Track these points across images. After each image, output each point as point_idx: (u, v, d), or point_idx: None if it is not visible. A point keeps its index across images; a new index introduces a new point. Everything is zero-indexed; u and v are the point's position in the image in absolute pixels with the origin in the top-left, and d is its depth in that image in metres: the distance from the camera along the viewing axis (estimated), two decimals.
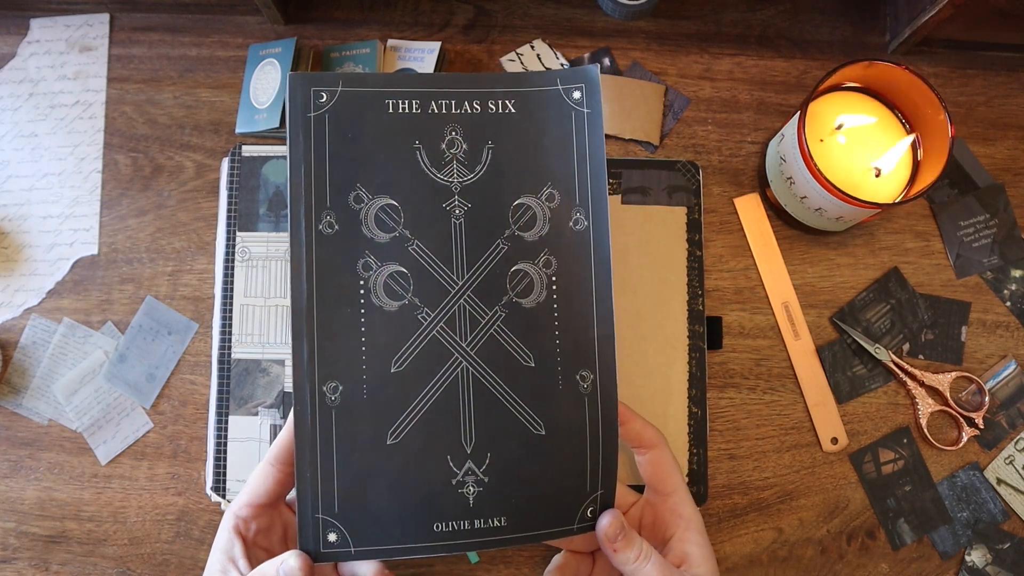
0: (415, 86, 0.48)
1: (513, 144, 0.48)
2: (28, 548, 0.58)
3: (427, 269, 0.46)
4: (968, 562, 0.57)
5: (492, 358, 0.46)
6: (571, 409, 0.46)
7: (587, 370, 0.47)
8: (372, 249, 0.46)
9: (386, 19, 0.66)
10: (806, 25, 0.65)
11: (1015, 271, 0.61)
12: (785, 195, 0.59)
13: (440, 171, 0.47)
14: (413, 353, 0.46)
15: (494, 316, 0.46)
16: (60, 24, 0.66)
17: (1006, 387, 0.60)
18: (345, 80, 0.47)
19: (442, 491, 0.45)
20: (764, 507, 0.58)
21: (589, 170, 0.48)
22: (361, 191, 0.46)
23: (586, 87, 0.48)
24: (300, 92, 0.47)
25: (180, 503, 0.58)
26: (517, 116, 0.48)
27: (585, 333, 0.47)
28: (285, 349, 0.58)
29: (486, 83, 0.48)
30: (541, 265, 0.47)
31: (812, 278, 0.61)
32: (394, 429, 0.45)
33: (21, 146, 0.64)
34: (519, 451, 0.46)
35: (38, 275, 0.62)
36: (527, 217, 0.47)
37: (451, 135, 0.47)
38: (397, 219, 0.47)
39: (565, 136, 0.48)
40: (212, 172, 0.63)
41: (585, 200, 0.47)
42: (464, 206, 0.47)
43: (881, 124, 0.58)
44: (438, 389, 0.46)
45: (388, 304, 0.46)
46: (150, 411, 0.60)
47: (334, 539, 0.44)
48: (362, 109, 0.47)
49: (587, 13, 0.65)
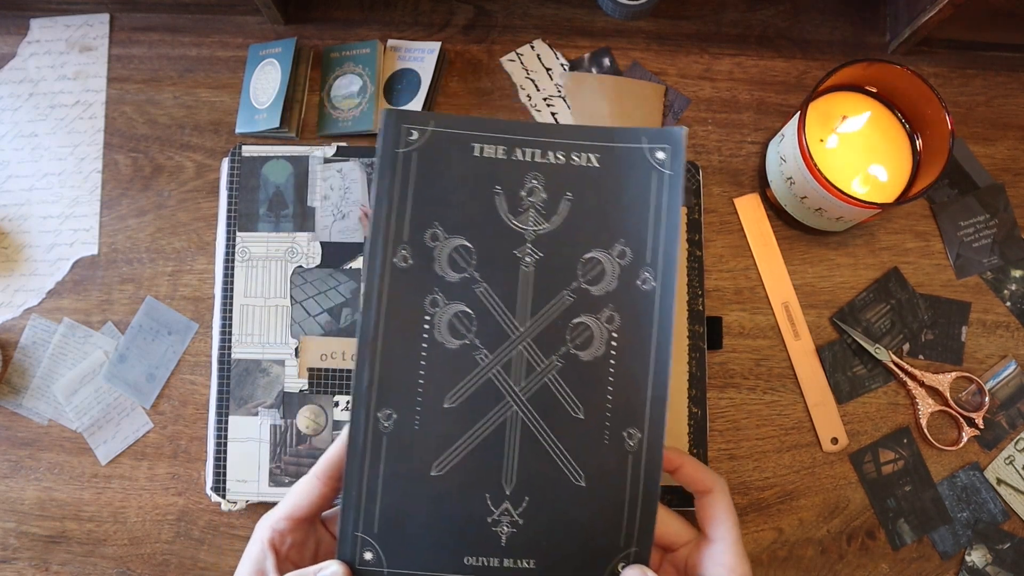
0: (503, 132, 0.49)
1: (592, 198, 0.48)
2: (28, 548, 0.58)
3: (491, 312, 0.48)
4: (968, 562, 0.57)
5: (542, 405, 0.47)
6: (614, 464, 0.47)
7: (635, 428, 0.47)
8: (441, 287, 0.48)
9: (386, 19, 0.66)
10: (806, 25, 0.65)
11: (1015, 271, 0.61)
12: (785, 195, 0.59)
13: (516, 218, 0.48)
14: (467, 392, 0.47)
15: (550, 365, 0.47)
16: (60, 24, 0.66)
17: (1006, 387, 0.60)
18: (436, 120, 0.49)
19: (477, 527, 0.46)
20: (764, 507, 0.58)
21: (664, 231, 0.48)
22: (438, 229, 0.48)
23: (671, 148, 0.49)
24: (392, 128, 0.48)
25: (180, 503, 0.58)
26: (599, 171, 0.49)
27: (638, 392, 0.47)
28: (285, 349, 0.58)
29: (572, 134, 0.49)
30: (604, 320, 0.48)
31: (812, 278, 0.61)
32: (440, 462, 0.46)
33: (21, 146, 0.64)
34: (557, 498, 0.47)
35: (38, 275, 0.62)
36: (596, 271, 0.48)
37: (532, 183, 0.48)
38: (469, 260, 0.48)
39: (644, 194, 0.48)
40: (212, 172, 0.63)
41: (656, 260, 0.48)
42: (535, 254, 0.48)
43: (880, 123, 0.58)
44: (486, 429, 0.47)
45: (449, 342, 0.47)
46: (150, 411, 0.60)
47: (370, 557, 0.46)
48: (449, 150, 0.48)
49: (587, 13, 0.65)
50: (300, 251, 0.59)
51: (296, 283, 0.59)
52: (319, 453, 0.57)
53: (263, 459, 0.57)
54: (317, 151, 0.60)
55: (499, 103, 0.64)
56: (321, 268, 0.59)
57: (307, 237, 0.59)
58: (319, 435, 0.57)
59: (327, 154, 0.60)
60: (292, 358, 0.58)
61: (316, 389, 0.58)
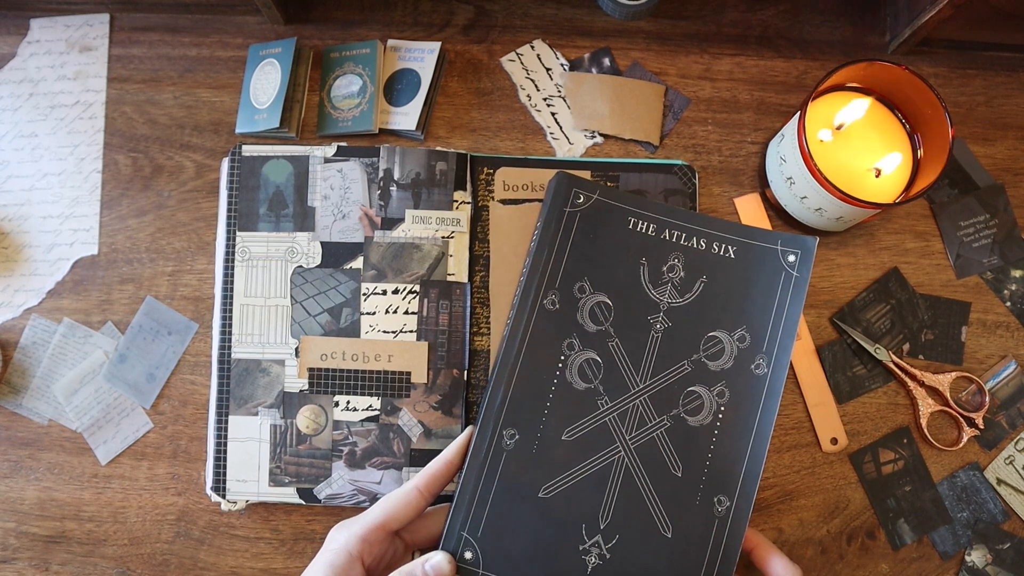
0: (657, 213, 0.56)
1: (724, 284, 0.55)
2: (28, 548, 0.58)
3: (617, 365, 0.54)
4: (968, 562, 0.57)
5: (646, 457, 0.52)
6: (700, 524, 0.51)
7: (726, 496, 0.51)
8: (579, 334, 0.54)
9: (386, 19, 0.66)
10: (806, 25, 0.65)
11: (1015, 271, 0.61)
12: (785, 195, 0.59)
13: (655, 288, 0.54)
14: (584, 430, 0.52)
15: (660, 423, 0.53)
16: (60, 24, 0.66)
17: (1006, 387, 0.60)
18: (602, 191, 0.56)
19: (569, 551, 0.51)
20: (764, 507, 0.58)
21: (783, 325, 0.54)
22: (586, 283, 0.55)
23: (801, 254, 0.55)
24: (563, 189, 0.56)
25: (180, 503, 0.58)
26: (734, 262, 0.55)
27: (735, 464, 0.52)
28: (285, 349, 0.58)
29: (716, 227, 0.56)
30: (715, 393, 0.53)
31: (812, 278, 0.61)
32: (549, 486, 0.51)
33: (21, 146, 0.64)
34: (644, 542, 0.51)
35: (38, 275, 0.62)
36: (716, 349, 0.54)
37: (673, 261, 0.55)
38: (607, 316, 0.54)
39: (771, 290, 0.54)
40: (212, 172, 0.63)
41: (771, 350, 0.53)
42: (666, 323, 0.54)
43: (880, 124, 0.58)
44: (594, 466, 0.52)
45: (577, 383, 0.53)
46: (150, 411, 0.60)
47: (469, 557, 0.50)
48: (608, 218, 0.56)
49: (587, 13, 0.65)
50: (300, 251, 0.59)
51: (296, 283, 0.59)
52: (319, 453, 0.57)
53: (263, 459, 0.57)
54: (317, 151, 0.60)
55: (499, 103, 0.64)
56: (321, 268, 0.59)
57: (307, 237, 0.59)
58: (319, 435, 0.57)
59: (327, 154, 0.60)
60: (292, 358, 0.58)
61: (316, 389, 0.58)
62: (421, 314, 0.58)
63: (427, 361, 0.58)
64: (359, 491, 0.56)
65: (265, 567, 0.57)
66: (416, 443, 0.57)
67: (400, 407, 0.57)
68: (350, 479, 0.56)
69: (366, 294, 0.59)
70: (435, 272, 0.59)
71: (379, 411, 0.57)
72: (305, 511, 0.58)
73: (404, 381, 0.58)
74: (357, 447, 0.57)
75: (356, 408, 0.57)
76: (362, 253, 0.59)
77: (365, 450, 0.57)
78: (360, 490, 0.56)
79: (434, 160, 0.60)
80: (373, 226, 0.59)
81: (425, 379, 0.58)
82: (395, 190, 0.60)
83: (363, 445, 0.57)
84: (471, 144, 0.63)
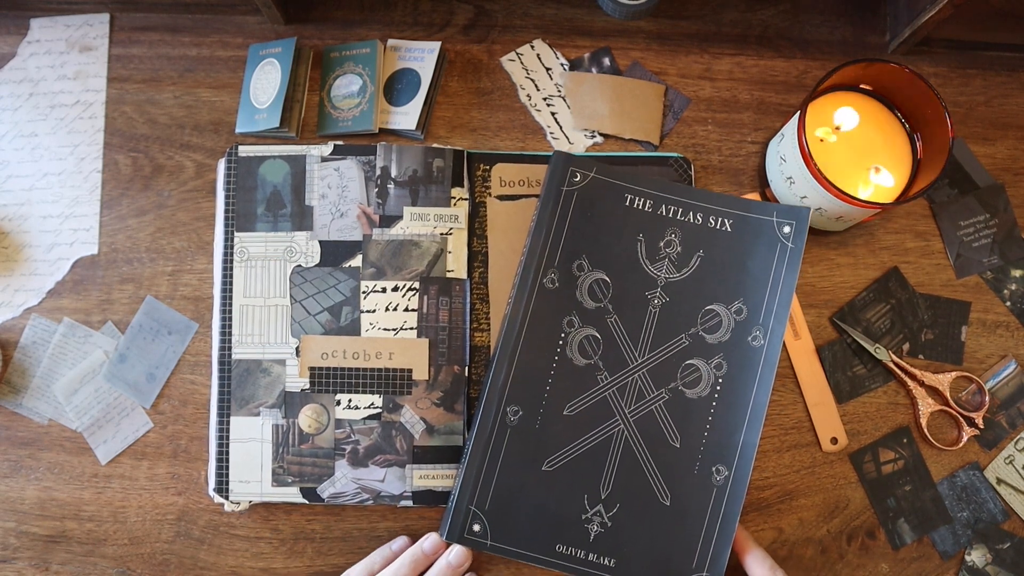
0: (653, 189, 0.56)
1: (721, 257, 0.55)
2: (28, 548, 0.58)
3: (616, 341, 0.54)
4: (968, 562, 0.57)
5: (645, 429, 0.54)
6: (698, 494, 0.53)
7: (724, 466, 0.53)
8: (579, 311, 0.55)
9: (386, 19, 0.66)
10: (806, 25, 0.65)
11: (1015, 271, 0.61)
12: (785, 194, 0.59)
13: (652, 264, 0.55)
14: (585, 405, 0.54)
15: (658, 396, 0.54)
16: (60, 24, 0.66)
17: (1006, 387, 0.60)
18: (599, 168, 0.56)
19: (572, 520, 0.53)
20: (764, 507, 0.58)
21: (779, 297, 0.54)
22: (584, 261, 0.55)
23: (796, 224, 0.55)
24: (560, 168, 0.56)
25: (180, 503, 0.58)
26: (731, 235, 0.56)
27: (732, 435, 0.53)
28: (286, 348, 0.58)
29: (712, 200, 0.56)
30: (713, 366, 0.54)
31: (812, 278, 0.61)
32: (551, 459, 0.53)
33: (21, 146, 0.64)
34: (643, 511, 0.53)
35: (38, 275, 0.62)
36: (714, 322, 0.55)
37: (670, 236, 0.56)
38: (605, 293, 0.55)
39: (766, 262, 0.55)
40: (212, 172, 0.63)
41: (767, 322, 0.54)
42: (663, 298, 0.55)
43: (880, 123, 0.58)
44: (595, 439, 0.53)
45: (577, 359, 0.54)
46: (150, 411, 0.60)
47: (477, 529, 0.52)
48: (605, 195, 0.56)
49: (587, 13, 0.65)
50: (299, 250, 0.59)
51: (295, 282, 0.59)
52: (322, 452, 0.57)
53: (266, 459, 0.57)
54: (314, 150, 0.60)
55: (499, 103, 0.64)
56: (320, 267, 0.59)
57: (305, 236, 0.59)
58: (321, 434, 0.57)
59: (324, 153, 0.60)
60: (293, 357, 0.58)
61: (317, 388, 0.58)
62: (421, 311, 0.58)
63: (428, 358, 0.58)
64: (362, 489, 0.56)
65: (265, 567, 0.57)
66: (419, 440, 0.57)
67: (402, 404, 0.57)
68: (353, 477, 0.56)
69: (366, 292, 0.59)
70: (434, 269, 0.59)
71: (381, 409, 0.57)
72: (305, 511, 0.58)
73: (405, 378, 0.58)
74: (360, 445, 0.57)
75: (358, 406, 0.57)
76: (361, 251, 0.59)
77: (368, 448, 0.57)
78: (363, 488, 0.56)
79: (431, 157, 0.60)
80: (371, 224, 0.59)
81: (426, 376, 0.58)
82: (392, 187, 0.60)
83: (365, 443, 0.57)
84: (471, 144, 0.63)
